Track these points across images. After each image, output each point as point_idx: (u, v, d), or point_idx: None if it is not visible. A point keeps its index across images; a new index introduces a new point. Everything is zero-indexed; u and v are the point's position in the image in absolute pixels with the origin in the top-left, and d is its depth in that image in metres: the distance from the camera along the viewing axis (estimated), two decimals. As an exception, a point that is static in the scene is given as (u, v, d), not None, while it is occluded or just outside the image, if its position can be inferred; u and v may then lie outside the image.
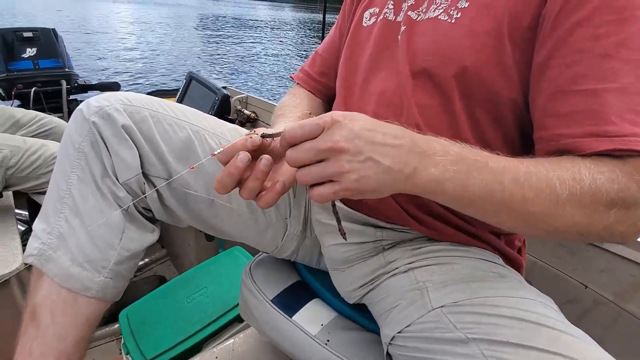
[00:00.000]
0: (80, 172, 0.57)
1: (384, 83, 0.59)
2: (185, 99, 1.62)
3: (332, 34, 0.80)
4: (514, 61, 0.49)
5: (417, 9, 0.58)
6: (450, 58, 0.52)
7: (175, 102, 1.67)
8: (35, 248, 0.56)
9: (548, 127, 0.47)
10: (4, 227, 1.07)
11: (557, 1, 0.45)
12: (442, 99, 0.54)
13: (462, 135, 0.53)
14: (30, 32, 1.67)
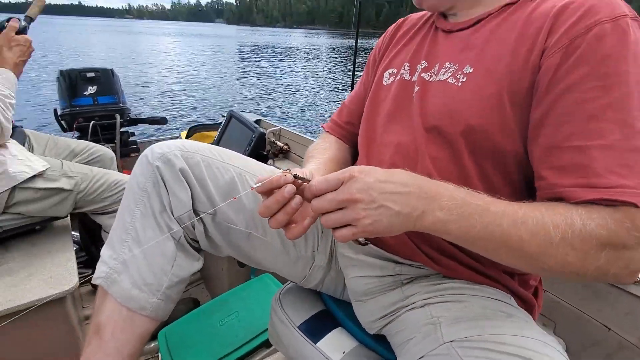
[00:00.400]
0: (143, 208, 0.67)
1: (400, 136, 0.67)
2: (226, 134, 1.75)
3: (357, 87, 0.89)
4: (514, 119, 0.55)
5: (430, 70, 0.66)
6: (457, 117, 0.58)
7: (217, 135, 1.80)
8: (103, 272, 0.65)
9: (544, 178, 0.52)
10: (62, 247, 1.19)
11: (549, 69, 0.51)
12: (452, 152, 0.60)
13: (471, 183, 0.59)
14: (92, 72, 1.88)
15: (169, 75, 10.36)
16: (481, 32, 0.62)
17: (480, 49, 0.60)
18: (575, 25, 0.50)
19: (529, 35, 0.55)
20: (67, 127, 1.86)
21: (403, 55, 0.75)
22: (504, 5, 0.62)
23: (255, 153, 1.55)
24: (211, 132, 2.11)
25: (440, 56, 0.66)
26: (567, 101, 0.50)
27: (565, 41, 0.50)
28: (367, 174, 0.48)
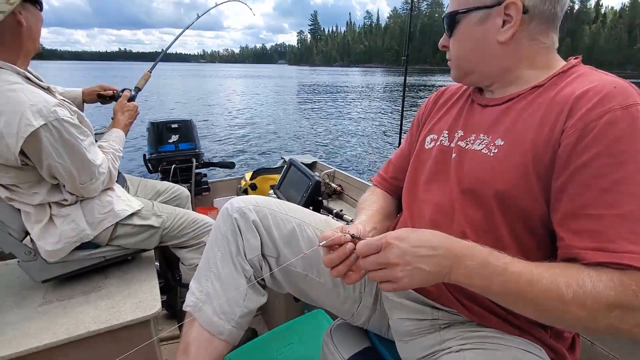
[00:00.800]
0: (223, 251, 0.83)
1: (439, 196, 0.77)
2: (286, 180, 1.93)
3: (402, 145, 1.01)
4: (539, 186, 0.63)
5: (466, 139, 0.76)
6: (489, 183, 0.68)
7: (278, 179, 1.98)
8: (192, 301, 0.81)
9: (563, 239, 0.60)
10: (148, 276, 1.38)
11: (567, 147, 0.60)
12: (484, 213, 0.69)
13: (502, 239, 0.67)
14: (176, 124, 2.20)
15: (235, 117, 11.29)
16: (512, 110, 0.71)
17: (510, 125, 0.69)
18: (590, 112, 0.58)
19: (551, 116, 0.63)
20: (152, 169, 2.16)
21: (442, 123, 0.86)
22: (533, 87, 0.71)
23: (311, 198, 1.69)
24: (272, 175, 2.30)
25: (476, 128, 0.76)
26: (583, 175, 0.58)
27: (581, 124, 0.59)
28: (401, 241, 0.58)
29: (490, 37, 0.72)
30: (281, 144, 7.65)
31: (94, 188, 1.21)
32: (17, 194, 1.13)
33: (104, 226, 1.25)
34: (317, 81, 37.14)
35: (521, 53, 0.72)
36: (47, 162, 1.06)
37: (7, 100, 0.98)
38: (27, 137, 0.98)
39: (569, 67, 0.71)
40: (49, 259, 1.20)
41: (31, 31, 1.12)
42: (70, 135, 1.08)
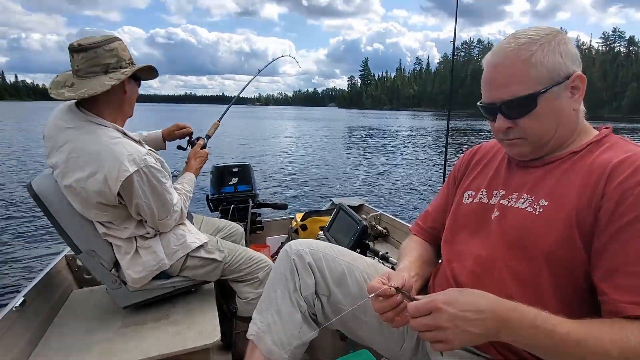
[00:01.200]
0: (283, 288, 0.95)
1: (480, 250, 0.84)
2: (335, 223, 2.04)
3: (439, 198, 1.10)
4: (581, 244, 0.70)
5: (508, 198, 0.84)
6: (535, 240, 0.75)
7: (328, 222, 2.09)
8: (254, 330, 0.93)
9: (606, 294, 0.66)
10: (209, 307, 1.50)
11: (607, 211, 0.67)
12: (530, 267, 0.75)
13: (544, 292, 0.73)
14: (236, 167, 2.42)
15: (287, 159, 11.84)
16: (553, 173, 0.79)
17: (553, 187, 0.77)
18: (628, 179, 0.67)
19: (591, 181, 0.71)
20: (214, 208, 2.37)
21: (479, 181, 0.94)
22: (570, 153, 0.79)
23: (358, 242, 1.78)
24: (322, 217, 2.41)
25: (518, 187, 0.84)
26: (623, 236, 0.65)
27: (620, 190, 0.67)
28: (449, 305, 0.65)
29: (567, 107, 0.78)
30: (329, 186, 7.91)
31: (169, 224, 1.39)
32: (111, 230, 1.32)
33: (178, 256, 1.42)
34: (366, 124, 37.83)
35: (580, 115, 0.82)
36: (135, 200, 1.26)
37: (111, 151, 1.20)
38: (123, 181, 1.19)
39: (603, 136, 0.79)
40: (134, 285, 1.37)
41: (131, 100, 1.38)
42: (155, 179, 1.28)
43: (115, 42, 1.27)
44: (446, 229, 0.98)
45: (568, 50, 0.77)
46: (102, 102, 1.27)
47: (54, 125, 1.27)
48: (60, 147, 1.24)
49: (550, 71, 0.76)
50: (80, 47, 1.21)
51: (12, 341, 1.25)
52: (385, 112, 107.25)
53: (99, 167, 1.19)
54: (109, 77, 1.24)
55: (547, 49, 0.76)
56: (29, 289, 1.45)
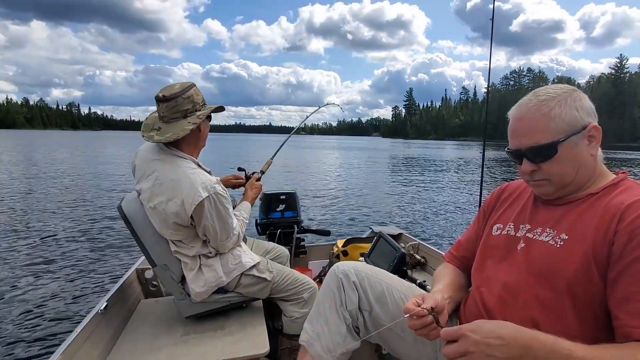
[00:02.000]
0: (331, 302, 1.10)
1: (506, 277, 0.95)
2: (376, 250, 2.16)
3: (470, 229, 1.22)
4: (598, 275, 0.80)
5: (533, 231, 0.95)
6: (557, 270, 0.86)
7: (368, 249, 2.21)
8: (306, 337, 1.08)
9: (620, 319, 0.76)
10: (259, 322, 1.64)
11: (620, 245, 0.78)
12: (554, 294, 0.86)
13: (566, 316, 0.83)
14: (284, 195, 2.63)
15: (330, 187, 12.13)
16: (573, 212, 0.91)
17: (573, 223, 0.89)
18: (636, 220, 0.77)
19: (606, 220, 0.82)
20: (262, 232, 2.57)
21: (507, 215, 1.06)
22: (589, 194, 0.91)
23: (397, 268, 1.89)
24: (362, 244, 2.53)
25: (542, 222, 0.95)
26: (634, 268, 0.75)
27: (631, 228, 0.77)
28: (474, 332, 0.75)
29: (585, 153, 0.90)
30: (370, 214, 8.01)
31: (227, 245, 1.57)
32: (181, 247, 1.53)
33: (234, 275, 1.60)
34: (408, 153, 37.56)
35: (598, 160, 0.93)
36: (204, 222, 1.46)
37: (188, 180, 1.43)
38: (197, 205, 1.40)
39: (619, 180, 0.90)
40: (196, 299, 1.55)
41: (205, 136, 1.63)
42: (221, 204, 1.48)
43: (190, 90, 1.51)
44: (476, 258, 1.09)
45: (583, 105, 0.90)
46: (182, 140, 1.52)
47: (143, 158, 1.54)
48: (148, 175, 1.49)
49: (568, 123, 0.88)
50: (164, 98, 1.47)
51: (98, 339, 1.46)
52: (430, 141, 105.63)
53: (178, 192, 1.42)
54: (188, 121, 1.49)
55: (564, 104, 0.89)
56: (110, 295, 1.67)
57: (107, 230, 6.00)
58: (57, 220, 6.67)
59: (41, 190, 9.98)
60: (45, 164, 17.39)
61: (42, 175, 13.05)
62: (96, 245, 5.22)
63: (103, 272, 4.25)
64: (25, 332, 2.94)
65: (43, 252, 4.92)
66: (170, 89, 1.50)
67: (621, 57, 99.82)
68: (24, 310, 3.30)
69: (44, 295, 3.63)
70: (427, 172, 18.22)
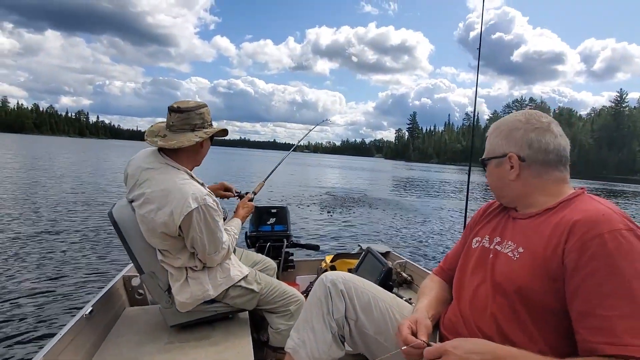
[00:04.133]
0: (318, 310, 1.13)
1: (478, 286, 1.01)
2: (363, 264, 2.19)
3: (458, 244, 1.27)
4: (552, 286, 0.84)
5: (501, 244, 1.01)
6: (512, 280, 0.91)
7: (356, 264, 2.24)
8: (292, 344, 1.11)
9: (580, 334, 0.80)
10: (244, 333, 1.65)
11: (571, 261, 0.82)
12: (509, 303, 0.91)
13: (528, 329, 0.87)
14: (275, 209, 2.67)
15: (325, 203, 12.14)
16: (530, 226, 0.97)
17: (529, 237, 0.94)
18: (584, 235, 0.82)
19: (556, 234, 0.87)
20: (251, 244, 2.59)
21: (485, 229, 1.13)
22: (546, 209, 0.97)
23: (383, 282, 1.92)
24: (350, 260, 2.56)
25: (508, 236, 1.02)
26: (587, 285, 0.79)
27: (579, 244, 0.82)
28: (456, 349, 0.82)
29: (505, 175, 1.04)
30: (361, 232, 8.05)
31: (216, 259, 1.57)
32: (167, 258, 1.53)
33: (222, 288, 1.60)
34: (410, 176, 37.63)
35: (530, 185, 1.00)
36: (192, 234, 1.46)
37: (179, 190, 1.45)
38: (185, 215, 1.41)
39: (575, 195, 0.96)
40: (181, 309, 1.55)
41: (204, 154, 1.68)
42: (211, 217, 1.49)
43: (203, 108, 1.60)
44: (457, 269, 1.15)
45: (514, 136, 1.02)
46: (182, 151, 1.57)
47: (137, 166, 1.56)
48: (141, 184, 1.51)
49: (493, 148, 1.08)
50: (179, 109, 1.54)
51: (81, 343, 1.47)
52: (433, 165, 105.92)
53: (168, 202, 1.43)
54: (195, 134, 1.55)
55: (497, 133, 1.07)
56: (96, 300, 1.67)
57: (97, 236, 5.99)
58: (50, 223, 6.69)
59: (38, 192, 10.03)
60: (46, 167, 17.49)
61: (41, 178, 13.12)
62: (86, 251, 5.22)
63: (91, 277, 4.24)
64: (9, 333, 2.92)
65: (31, 253, 4.92)
66: (186, 103, 1.59)
67: (621, 92, 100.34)
68: (7, 311, 3.28)
69: (30, 295, 3.61)
70: (423, 194, 18.34)
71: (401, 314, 1.18)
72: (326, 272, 1.26)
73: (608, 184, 48.34)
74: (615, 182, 55.10)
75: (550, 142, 0.99)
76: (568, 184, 1.02)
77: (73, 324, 1.44)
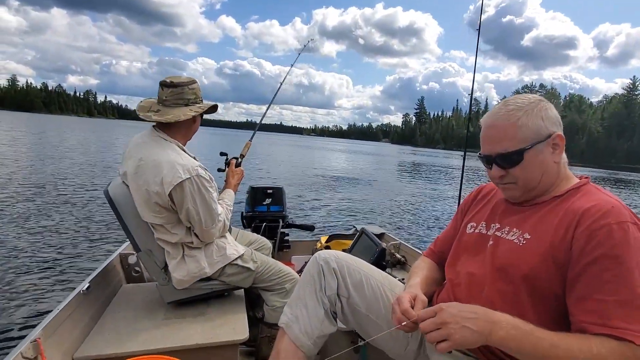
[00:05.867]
0: (310, 287, 1.15)
1: (475, 271, 1.02)
2: (357, 245, 2.22)
3: (449, 227, 1.28)
4: (556, 273, 0.86)
5: (501, 230, 1.02)
6: (518, 265, 0.92)
7: (350, 244, 2.26)
8: (285, 320, 1.13)
9: (575, 315, 0.82)
10: (239, 309, 1.68)
11: (577, 248, 0.84)
12: (513, 288, 0.92)
13: (525, 309, 0.89)
14: (271, 190, 2.67)
15: (326, 185, 12.21)
16: (537, 213, 0.97)
17: (535, 224, 0.95)
18: (593, 224, 0.83)
19: (565, 223, 0.88)
20: (247, 225, 2.61)
21: (480, 215, 1.13)
22: (553, 197, 0.97)
23: (376, 262, 1.95)
24: (345, 241, 2.59)
25: (510, 222, 1.02)
26: (591, 269, 0.81)
27: (587, 232, 0.83)
28: (450, 307, 0.84)
29: (549, 159, 0.96)
30: (358, 214, 8.12)
31: (213, 232, 1.58)
32: (162, 234, 1.54)
33: (218, 266, 1.63)
34: (415, 160, 37.52)
35: (562, 166, 0.99)
36: (186, 206, 1.47)
37: (169, 160, 1.46)
38: (176, 185, 1.42)
39: (581, 184, 0.96)
40: (177, 286, 1.58)
41: (196, 129, 1.68)
42: (204, 188, 1.50)
43: (195, 84, 1.61)
44: (450, 253, 1.16)
45: (548, 115, 0.96)
46: (176, 126, 1.58)
47: (133, 144, 1.58)
48: (133, 156, 1.52)
49: (534, 131, 0.94)
50: (172, 84, 1.55)
51: (79, 317, 1.50)
52: (439, 151, 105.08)
53: (158, 172, 1.45)
54: (189, 109, 1.56)
55: (531, 114, 0.94)
56: (93, 276, 1.70)
57: (96, 214, 6.07)
58: (53, 200, 6.82)
59: (45, 170, 10.20)
60: (53, 146, 17.68)
61: (46, 157, 13.32)
62: (83, 228, 5.30)
63: (88, 254, 4.31)
64: (8, 308, 2.99)
65: (31, 229, 5.01)
66: (178, 78, 1.59)
67: (634, 79, 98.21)
68: (6, 286, 3.35)
69: (28, 271, 3.69)
70: (424, 179, 18.36)
71: (393, 292, 1.19)
72: (320, 251, 1.27)
73: (616, 173, 47.79)
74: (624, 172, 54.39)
75: None
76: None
77: (70, 299, 1.47)
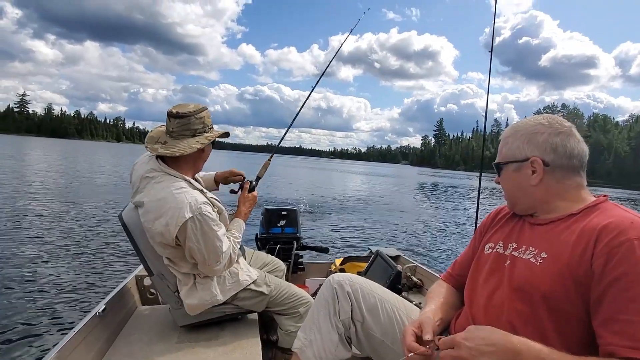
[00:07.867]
0: (324, 311, 1.13)
1: (493, 291, 0.99)
2: (373, 267, 2.17)
3: (467, 249, 1.25)
4: (576, 292, 0.83)
5: (518, 250, 0.99)
6: (536, 285, 0.88)
7: (365, 266, 2.21)
8: (298, 344, 1.11)
9: (603, 337, 0.78)
10: (253, 334, 1.65)
11: (598, 267, 0.80)
12: (531, 308, 0.89)
13: (544, 330, 0.85)
14: (285, 211, 2.67)
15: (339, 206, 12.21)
16: (553, 231, 0.94)
17: (552, 242, 0.92)
18: (612, 240, 0.80)
19: (582, 241, 0.85)
20: (261, 246, 2.60)
21: (498, 235, 1.10)
22: (569, 215, 0.94)
23: (392, 285, 1.90)
24: (359, 263, 2.54)
25: (526, 241, 0.99)
26: (613, 289, 0.77)
27: (607, 250, 0.80)
28: (467, 340, 0.80)
29: (524, 181, 1.00)
30: (373, 236, 8.02)
31: (217, 270, 1.53)
32: (172, 264, 1.52)
33: (231, 293, 1.59)
34: (434, 182, 37.11)
35: (552, 191, 0.98)
36: (189, 244, 1.42)
37: (174, 200, 1.41)
38: (180, 225, 1.37)
39: (598, 202, 0.93)
40: (190, 312, 1.54)
41: (205, 158, 1.64)
42: (208, 227, 1.43)
43: (203, 112, 1.55)
44: (469, 274, 1.12)
45: (537, 140, 0.98)
46: (182, 158, 1.53)
47: (137, 174, 1.55)
48: (140, 192, 1.50)
49: (512, 151, 1.03)
50: (178, 115, 1.50)
51: (94, 340, 1.49)
52: (459, 172, 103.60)
53: (163, 212, 1.39)
54: (196, 140, 1.51)
55: (517, 136, 1.03)
56: (109, 299, 1.70)
57: (113, 236, 6.17)
58: (73, 221, 7.01)
59: (67, 192, 10.60)
60: (81, 170, 18.44)
61: (74, 180, 13.90)
62: (101, 250, 5.38)
63: (105, 276, 4.35)
64: (23, 330, 2.99)
65: (47, 251, 5.10)
66: (185, 107, 1.53)
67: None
68: (22, 307, 3.36)
69: (44, 293, 3.71)
70: (442, 200, 18.08)
71: (409, 317, 1.16)
72: (334, 274, 1.25)
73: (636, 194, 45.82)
74: (649, 193, 52.18)
75: (575, 147, 0.98)
76: (586, 190, 1.00)
77: (86, 321, 1.47)
